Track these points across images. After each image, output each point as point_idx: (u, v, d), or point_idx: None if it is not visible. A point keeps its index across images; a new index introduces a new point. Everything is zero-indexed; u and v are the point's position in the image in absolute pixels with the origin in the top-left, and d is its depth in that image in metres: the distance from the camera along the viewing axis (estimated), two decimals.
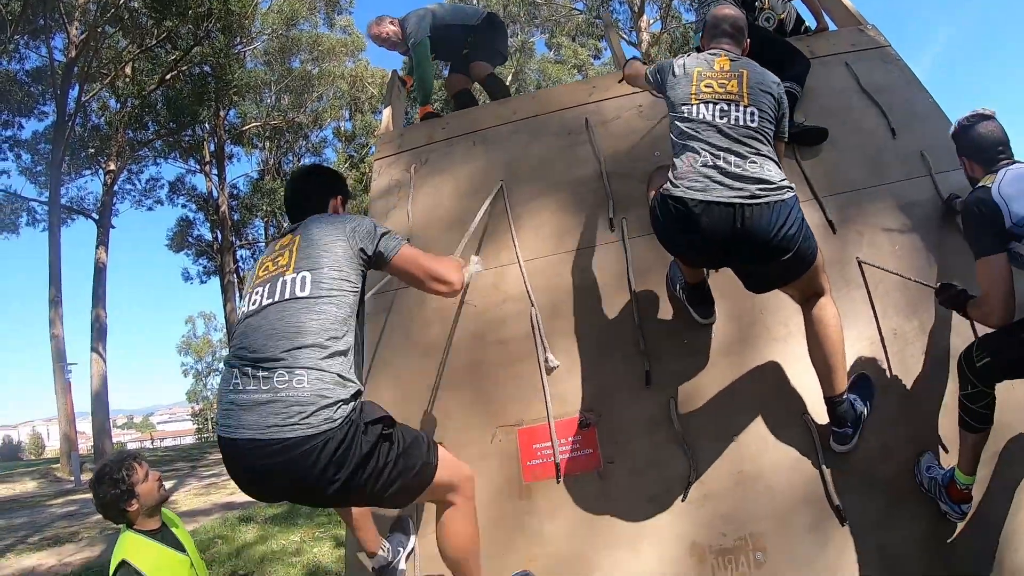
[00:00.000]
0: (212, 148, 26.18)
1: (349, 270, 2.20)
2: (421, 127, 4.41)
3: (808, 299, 2.63)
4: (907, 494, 2.60)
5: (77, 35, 18.90)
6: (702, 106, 2.56)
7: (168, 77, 20.83)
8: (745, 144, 2.47)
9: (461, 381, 3.18)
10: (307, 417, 1.91)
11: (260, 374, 1.98)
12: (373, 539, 2.72)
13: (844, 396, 2.59)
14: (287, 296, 2.11)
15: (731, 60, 2.67)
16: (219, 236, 26.40)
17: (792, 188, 2.44)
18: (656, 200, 2.59)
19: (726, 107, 2.53)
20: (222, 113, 25.01)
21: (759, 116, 2.52)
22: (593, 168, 3.61)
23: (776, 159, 2.53)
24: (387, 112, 4.82)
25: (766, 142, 2.52)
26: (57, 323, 18.08)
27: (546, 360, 3.04)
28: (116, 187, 22.60)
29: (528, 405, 3.02)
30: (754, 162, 2.43)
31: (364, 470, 2.00)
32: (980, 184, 2.40)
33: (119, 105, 21.87)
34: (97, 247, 20.89)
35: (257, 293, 2.19)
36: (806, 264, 2.49)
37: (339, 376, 2.01)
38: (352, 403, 2.02)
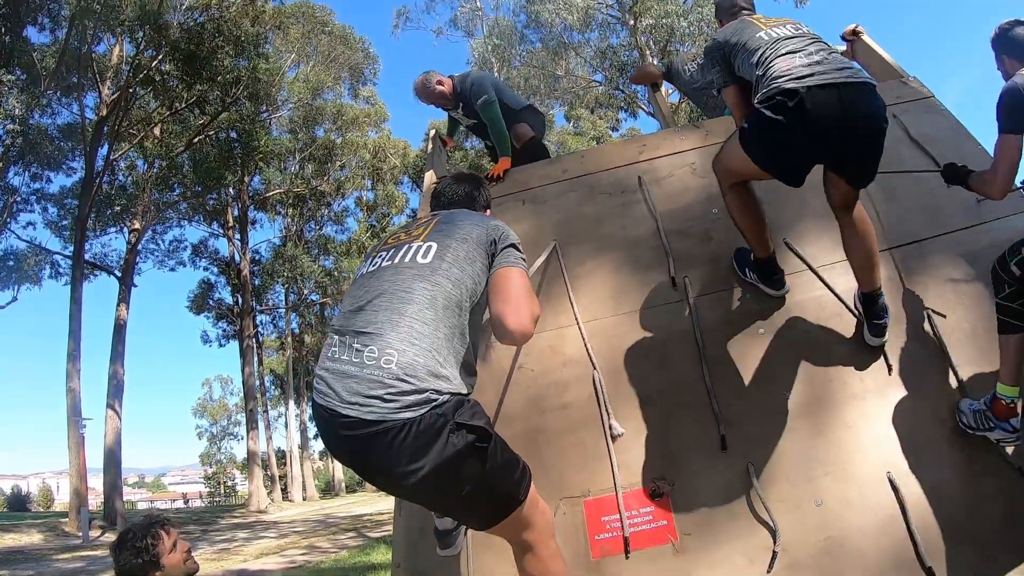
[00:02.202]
0: (236, 213, 26.53)
1: (477, 255, 2.06)
2: None
3: (849, 204, 2.79)
4: (998, 549, 2.43)
5: (109, 94, 19.31)
6: (777, 28, 2.81)
7: (196, 140, 21.23)
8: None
9: (519, 451, 2.92)
10: (389, 399, 1.76)
11: (354, 344, 1.87)
12: None
13: (880, 290, 2.79)
14: (407, 260, 2.03)
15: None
16: (239, 300, 26.55)
17: None
18: (754, 112, 2.67)
19: (793, 27, 2.80)
20: (247, 179, 25.42)
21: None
22: (649, 226, 3.51)
23: None
24: (429, 174, 4.78)
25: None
26: (74, 377, 17.93)
27: (611, 426, 2.89)
28: (140, 246, 22.80)
29: (593, 475, 2.84)
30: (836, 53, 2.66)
31: (442, 477, 1.79)
32: (1019, 72, 2.53)
33: (146, 166, 22.27)
34: (118, 304, 20.92)
35: (380, 256, 2.12)
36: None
37: (436, 359, 1.84)
38: (446, 395, 1.81)
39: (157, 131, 21.40)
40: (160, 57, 18.83)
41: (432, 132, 5.37)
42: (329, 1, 26.59)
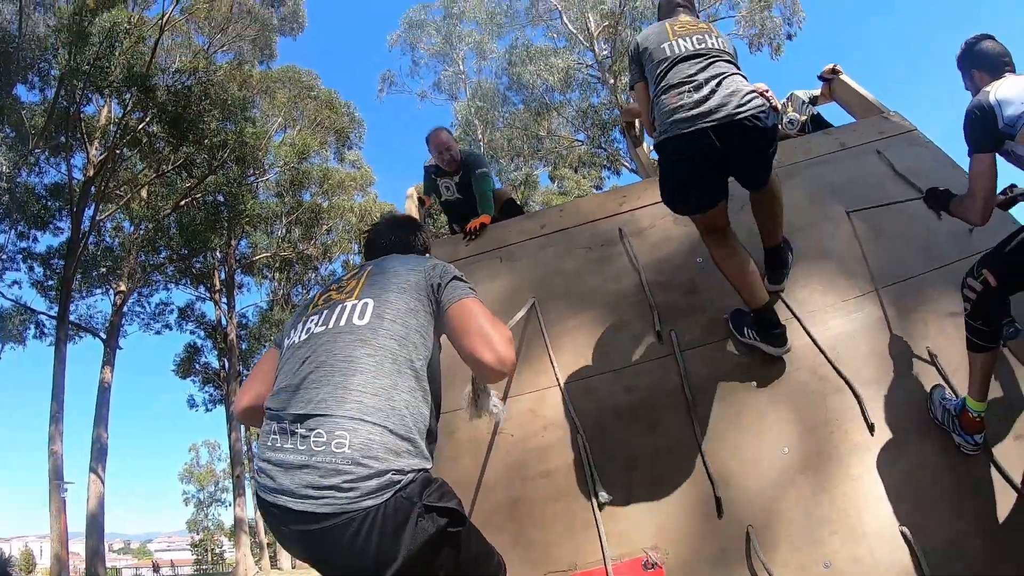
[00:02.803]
0: (223, 276, 26.29)
1: (418, 305, 1.85)
2: (444, 243, 4.21)
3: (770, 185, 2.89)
4: None
5: (96, 155, 19.29)
6: (683, 40, 2.85)
7: (182, 203, 21.18)
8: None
9: (500, 522, 2.75)
10: (347, 487, 1.51)
11: (298, 429, 1.61)
12: None
13: (781, 243, 3.05)
14: (343, 324, 1.78)
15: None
16: (226, 365, 26.05)
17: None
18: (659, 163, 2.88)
19: (697, 40, 2.83)
20: (233, 242, 25.29)
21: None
22: (631, 280, 3.35)
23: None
24: None
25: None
26: (57, 439, 17.53)
27: (597, 493, 2.67)
28: (125, 308, 22.50)
29: (580, 546, 2.62)
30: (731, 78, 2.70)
31: (414, 571, 1.52)
32: (983, 89, 2.52)
33: (132, 228, 22.13)
34: (103, 366, 20.56)
35: (311, 321, 1.86)
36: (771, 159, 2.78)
37: (393, 433, 1.60)
38: (410, 474, 1.58)
39: (144, 193, 21.35)
40: (148, 119, 18.90)
41: (412, 190, 5.27)
42: (315, 65, 26.96)
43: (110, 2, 17.48)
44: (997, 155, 2.47)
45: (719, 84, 2.64)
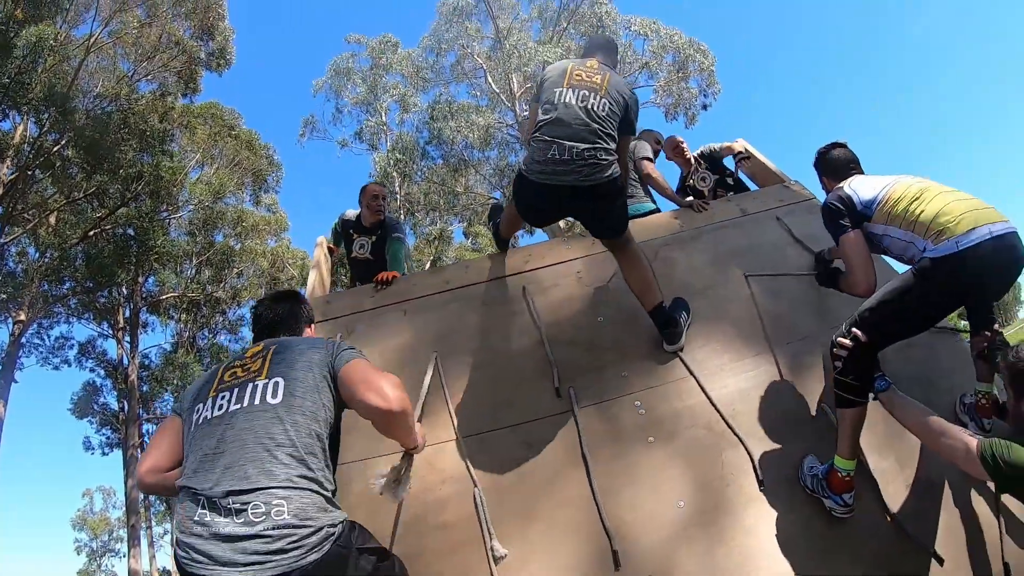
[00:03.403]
0: (127, 314, 25.02)
1: (322, 382, 2.02)
2: (348, 295, 4.17)
3: (615, 246, 3.24)
4: None
5: (6, 174, 18.25)
6: (569, 92, 3.07)
7: (92, 233, 20.13)
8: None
9: None
10: (291, 548, 1.68)
11: (231, 504, 1.73)
12: None
13: (663, 303, 3.16)
14: (257, 402, 1.92)
15: (600, 62, 3.29)
16: (126, 406, 24.54)
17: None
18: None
19: (580, 95, 3.05)
20: (140, 279, 24.17)
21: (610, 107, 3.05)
22: (533, 337, 3.39)
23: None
24: (313, 275, 4.58)
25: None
26: None
27: (493, 548, 2.64)
28: (24, 339, 21.14)
29: None
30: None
31: None
32: (836, 187, 2.91)
33: (38, 255, 20.91)
34: None
35: (223, 398, 1.97)
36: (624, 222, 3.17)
37: (319, 495, 1.81)
38: (339, 525, 1.81)
39: (53, 219, 20.23)
40: (64, 142, 18.02)
41: (321, 239, 5.21)
42: (239, 103, 26.49)
43: (38, 16, 16.77)
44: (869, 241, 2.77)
45: (577, 155, 2.91)
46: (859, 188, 2.79)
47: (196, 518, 1.74)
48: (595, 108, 3.00)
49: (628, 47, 20.60)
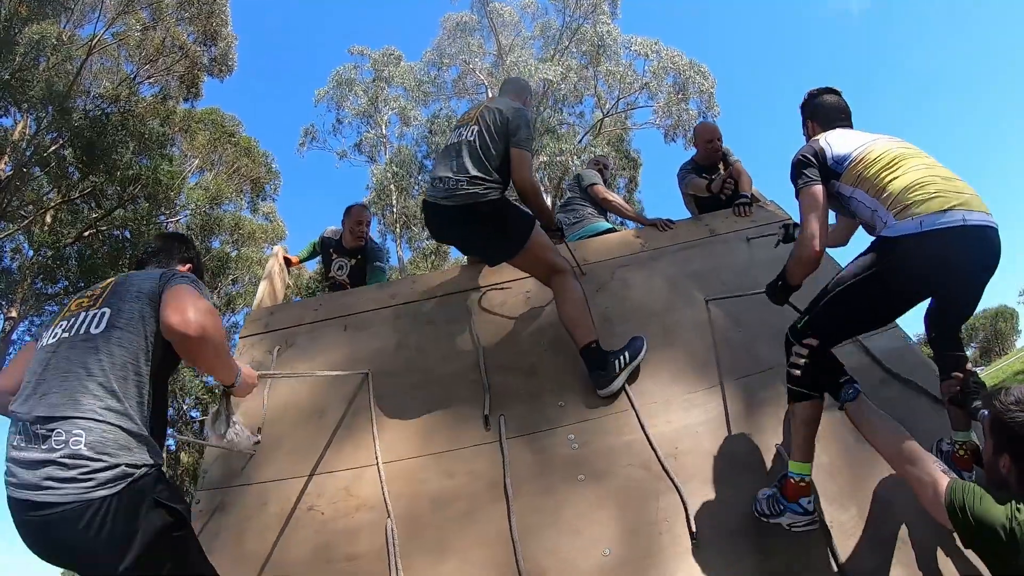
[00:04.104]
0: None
1: (149, 311, 1.94)
2: (293, 307, 3.96)
3: (549, 277, 3.06)
4: None
5: (4, 171, 18.07)
6: (464, 128, 3.24)
7: (87, 234, 19.97)
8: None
9: None
10: (83, 478, 1.66)
11: (39, 430, 1.74)
12: None
13: (593, 343, 2.87)
14: (81, 332, 1.90)
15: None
16: None
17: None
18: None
19: (475, 131, 3.17)
20: None
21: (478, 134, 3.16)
22: (472, 359, 3.16)
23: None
24: (263, 286, 4.38)
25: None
26: None
27: None
28: (15, 336, 20.86)
29: None
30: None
31: (147, 560, 1.70)
32: (813, 138, 2.62)
33: (32, 252, 20.70)
34: None
35: (60, 327, 1.97)
36: (513, 243, 3.03)
37: (125, 432, 1.76)
38: (143, 468, 1.76)
39: (49, 218, 20.05)
40: (62, 142, 17.88)
41: (278, 248, 5.01)
42: (240, 110, 26.27)
43: (42, 14, 16.67)
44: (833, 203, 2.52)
45: (456, 177, 3.05)
46: (835, 142, 2.50)
47: (14, 441, 1.78)
48: (467, 138, 3.16)
49: (629, 67, 20.49)
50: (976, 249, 2.16)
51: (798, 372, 2.30)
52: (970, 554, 2.26)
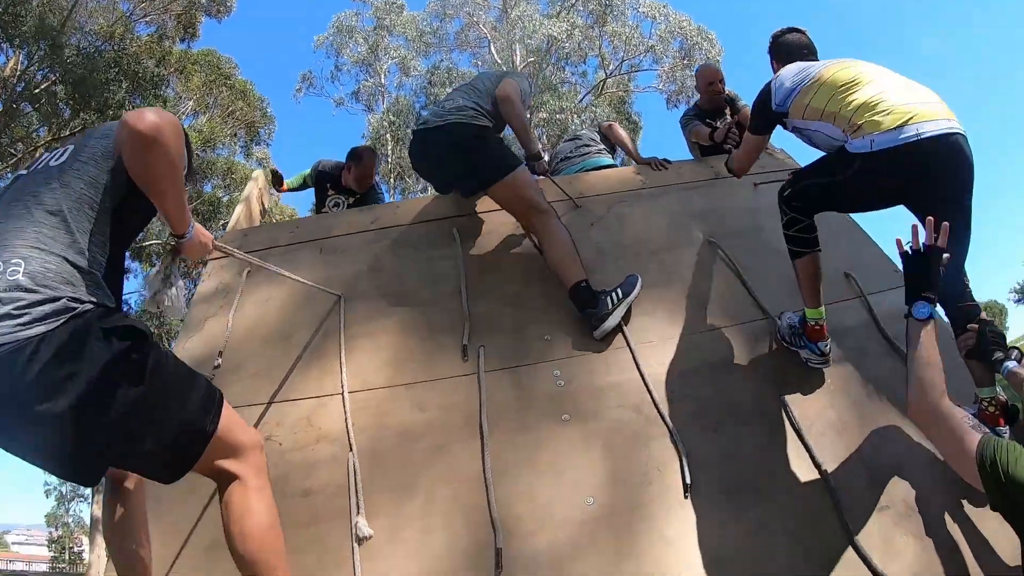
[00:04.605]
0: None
1: (114, 148, 1.67)
2: (269, 229, 3.68)
3: (529, 216, 2.88)
4: None
5: None
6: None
7: None
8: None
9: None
10: (18, 313, 1.39)
11: None
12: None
13: (583, 282, 2.65)
14: (40, 166, 1.70)
15: None
16: None
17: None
18: None
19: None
20: None
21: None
22: (453, 286, 2.87)
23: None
24: (239, 209, 4.07)
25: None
26: None
27: (357, 525, 2.13)
28: None
29: None
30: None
31: (94, 406, 1.42)
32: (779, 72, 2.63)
33: None
34: None
35: (22, 171, 1.80)
36: (495, 170, 2.90)
37: (71, 265, 1.51)
38: (89, 304, 1.48)
39: (39, 154, 19.54)
40: (54, 79, 17.34)
41: (258, 172, 4.70)
42: (237, 53, 25.51)
43: None
44: (793, 134, 2.59)
45: (450, 109, 3.06)
46: (786, 78, 2.54)
47: None
48: (461, 85, 3.35)
49: (635, 29, 19.86)
50: (939, 160, 2.12)
51: (790, 231, 2.45)
52: (986, 524, 2.05)
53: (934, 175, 2.15)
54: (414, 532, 2.13)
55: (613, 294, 2.63)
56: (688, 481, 2.14)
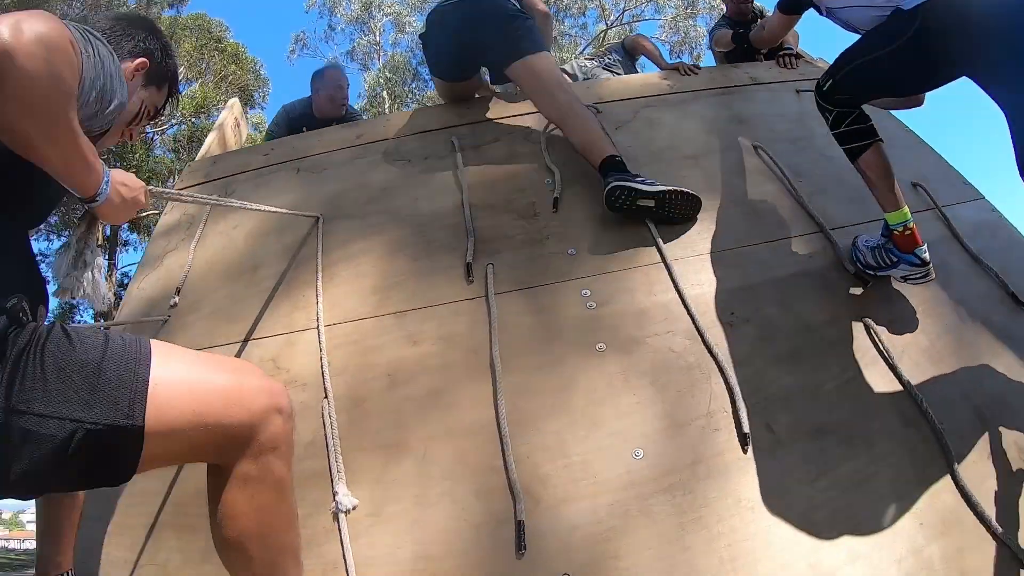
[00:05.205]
0: (107, 231, 23.91)
1: None
2: (239, 154, 3.14)
3: (554, 95, 2.42)
4: None
5: None
6: None
7: None
8: None
9: (196, 514, 1.63)
10: None
11: None
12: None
13: (617, 156, 2.22)
14: None
15: None
16: (102, 324, 23.71)
17: None
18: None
19: None
20: None
21: None
22: (453, 199, 2.32)
23: None
24: (211, 137, 3.54)
25: None
26: None
27: (336, 495, 1.63)
28: None
29: (312, 565, 1.45)
30: None
31: None
32: None
33: None
34: None
35: None
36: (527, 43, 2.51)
37: None
38: None
39: None
40: None
41: (233, 100, 4.14)
42: (227, 15, 24.82)
43: None
44: (828, 19, 2.20)
45: None
46: None
47: None
48: None
49: None
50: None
51: (841, 129, 2.03)
52: None
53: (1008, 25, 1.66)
54: (408, 504, 1.60)
55: (648, 179, 2.15)
56: (746, 430, 1.61)
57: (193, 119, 21.75)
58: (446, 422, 1.71)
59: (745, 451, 1.59)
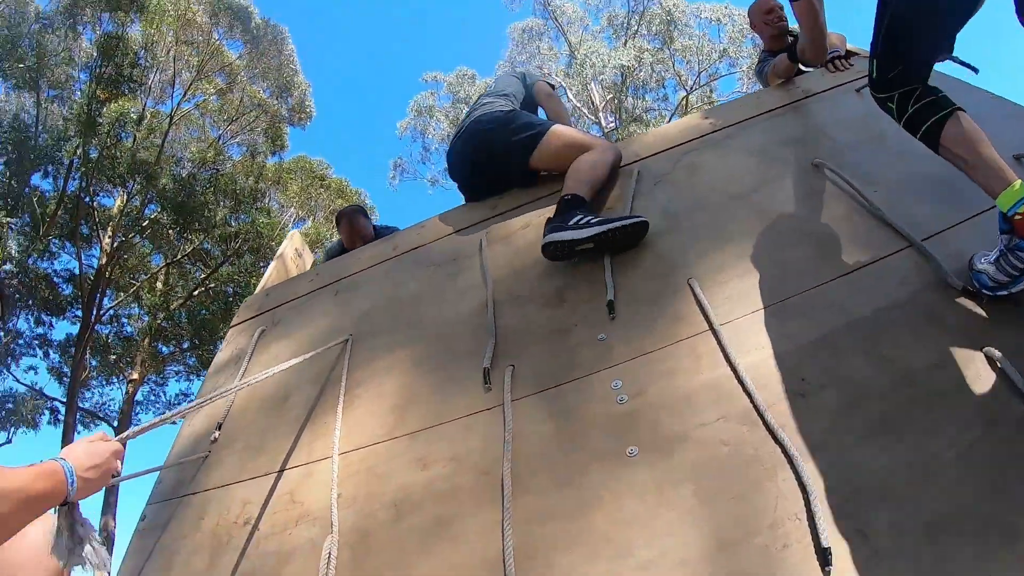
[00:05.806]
0: None
1: None
2: (288, 284, 3.12)
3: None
4: None
5: (109, 244, 18.73)
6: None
7: (195, 293, 20.49)
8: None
9: None
10: None
11: None
12: None
13: (579, 196, 2.24)
14: None
15: None
16: None
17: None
18: None
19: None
20: None
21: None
22: (478, 299, 2.14)
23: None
24: (273, 266, 3.61)
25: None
26: None
27: None
28: (141, 397, 21.46)
29: None
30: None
31: None
32: None
33: (148, 316, 21.40)
34: None
35: None
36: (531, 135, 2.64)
37: None
38: None
39: (159, 283, 20.72)
40: (159, 211, 18.40)
41: (294, 233, 4.26)
42: (326, 154, 26.64)
43: (119, 95, 17.26)
44: None
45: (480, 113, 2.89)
46: None
47: None
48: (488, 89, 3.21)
49: (703, 37, 18.97)
50: None
51: (912, 108, 1.69)
52: None
53: None
54: None
55: (590, 217, 2.08)
56: (825, 545, 1.19)
57: (314, 254, 23.06)
58: (450, 558, 1.45)
59: (827, 573, 1.19)
